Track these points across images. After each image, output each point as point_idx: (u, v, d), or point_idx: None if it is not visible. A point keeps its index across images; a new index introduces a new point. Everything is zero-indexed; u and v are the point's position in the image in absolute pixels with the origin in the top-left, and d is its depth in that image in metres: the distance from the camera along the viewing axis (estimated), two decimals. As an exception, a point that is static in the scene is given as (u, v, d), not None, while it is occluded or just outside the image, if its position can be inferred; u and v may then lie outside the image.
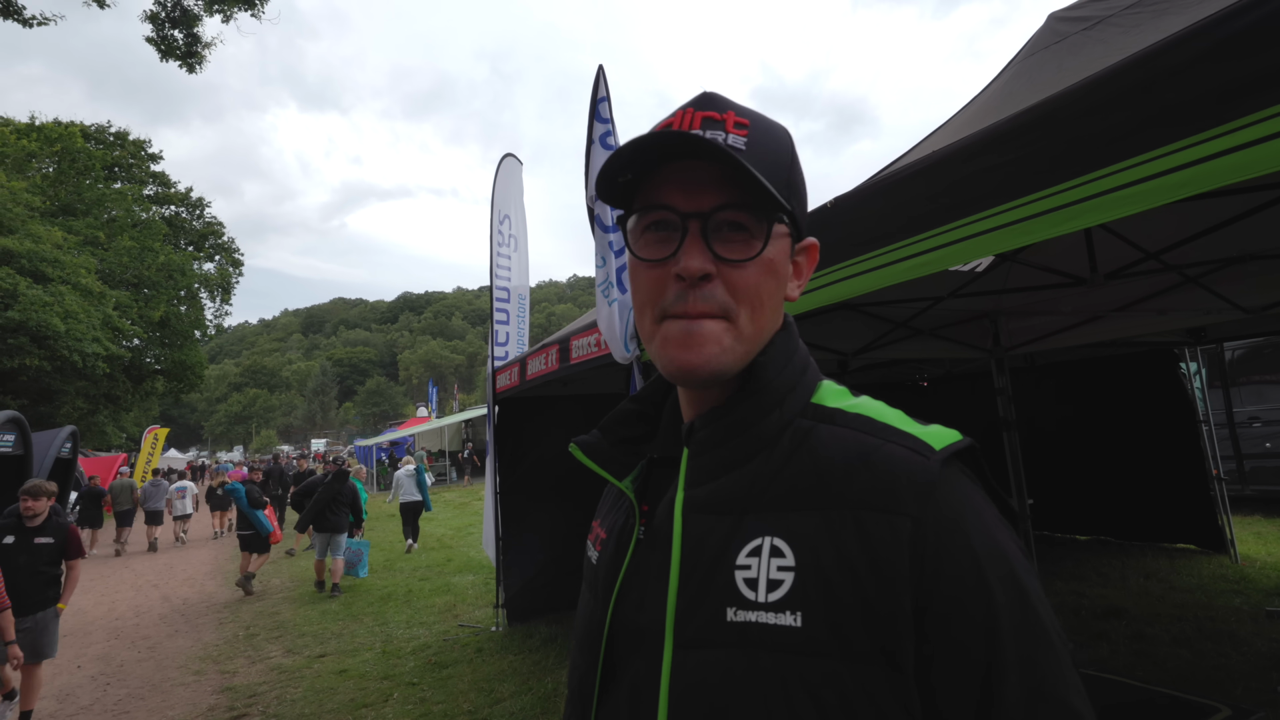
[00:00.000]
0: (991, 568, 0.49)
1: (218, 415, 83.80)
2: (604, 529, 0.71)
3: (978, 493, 0.54)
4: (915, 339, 4.29)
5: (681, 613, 0.55)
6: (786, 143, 0.61)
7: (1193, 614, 4.76)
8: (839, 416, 0.59)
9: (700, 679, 0.52)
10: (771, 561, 0.53)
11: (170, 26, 7.50)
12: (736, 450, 0.59)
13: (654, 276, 0.58)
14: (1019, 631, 0.47)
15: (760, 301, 0.58)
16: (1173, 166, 1.24)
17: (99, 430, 23.66)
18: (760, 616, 0.51)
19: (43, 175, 22.87)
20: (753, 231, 0.57)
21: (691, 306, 0.56)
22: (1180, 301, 3.76)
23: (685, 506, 0.59)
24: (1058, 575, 5.99)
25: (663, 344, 0.58)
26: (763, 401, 0.59)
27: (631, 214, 0.61)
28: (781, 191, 0.57)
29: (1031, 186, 1.49)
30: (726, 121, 0.57)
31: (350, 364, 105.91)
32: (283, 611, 7.36)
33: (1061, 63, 2.42)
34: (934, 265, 1.76)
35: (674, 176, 0.57)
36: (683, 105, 0.60)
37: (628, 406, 0.72)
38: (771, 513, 0.55)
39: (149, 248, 23.64)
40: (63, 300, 17.51)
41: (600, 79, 3.12)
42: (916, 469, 0.52)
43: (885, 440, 0.55)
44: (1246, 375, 8.38)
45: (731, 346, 0.57)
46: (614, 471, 0.68)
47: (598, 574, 0.67)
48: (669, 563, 0.58)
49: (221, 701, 4.74)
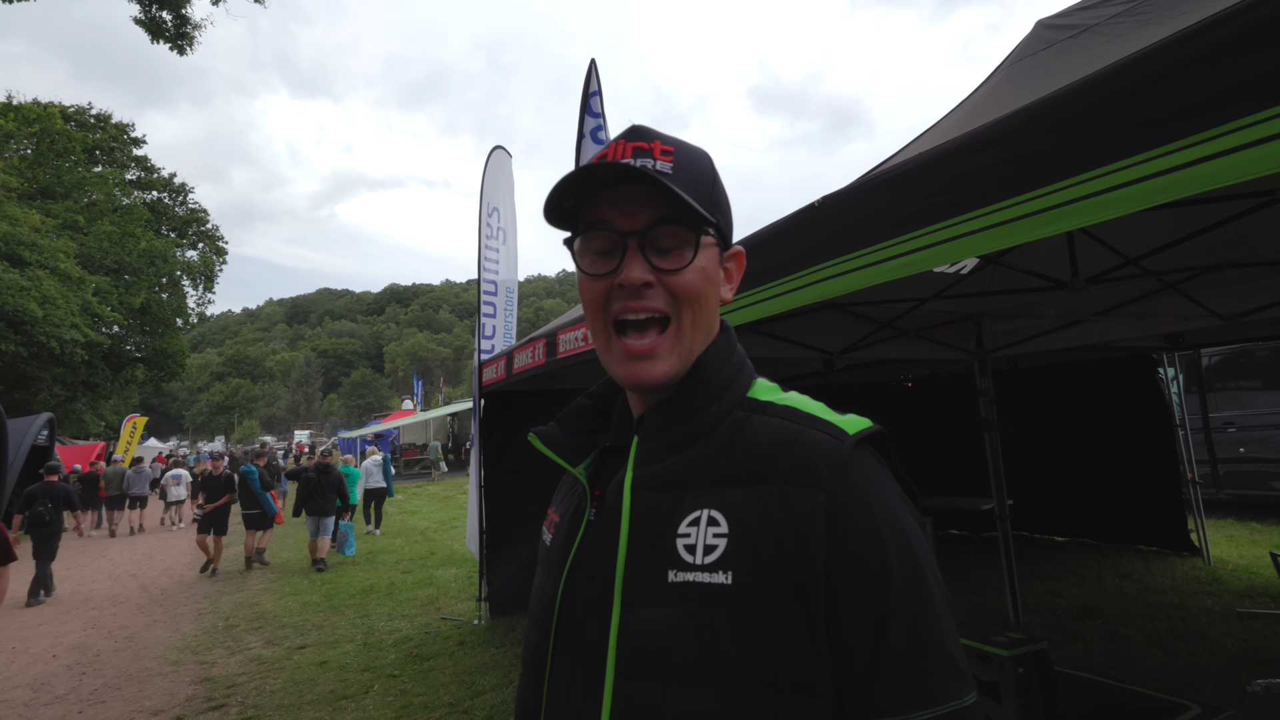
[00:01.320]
0: (889, 534, 0.58)
1: (199, 405, 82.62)
2: (558, 514, 0.77)
3: (882, 471, 0.63)
4: (900, 339, 4.33)
5: (629, 577, 0.62)
6: (708, 165, 0.70)
7: (1166, 614, 4.86)
8: (770, 408, 0.67)
9: (644, 632, 0.59)
10: (708, 530, 0.61)
11: (158, 7, 7.35)
12: (680, 437, 0.66)
13: (600, 287, 0.67)
14: (908, 587, 0.56)
15: (699, 304, 0.67)
16: (1154, 172, 1.26)
17: (77, 418, 23.27)
18: (697, 576, 0.59)
19: (20, 157, 22.36)
20: (684, 243, 0.66)
21: (636, 307, 0.65)
22: (1159, 307, 3.83)
23: (634, 484, 0.66)
24: (1035, 575, 6.09)
25: (616, 361, 0.67)
26: (704, 394, 0.68)
27: (577, 236, 0.69)
28: (706, 207, 0.66)
29: (1016, 189, 1.51)
30: (654, 150, 0.66)
31: (335, 355, 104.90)
32: (263, 602, 7.30)
33: (1048, 68, 2.45)
34: (918, 266, 1.77)
35: (611, 200, 0.66)
36: (615, 138, 0.69)
37: (584, 402, 0.81)
38: (710, 489, 0.63)
39: (130, 233, 23.20)
40: (40, 285, 17.15)
41: (592, 73, 3.11)
42: (832, 451, 0.61)
43: (808, 427, 0.63)
44: (1223, 381, 8.55)
45: (677, 361, 0.66)
46: (568, 458, 0.74)
47: (551, 554, 0.74)
48: (618, 534, 0.64)
49: (199, 692, 4.70)
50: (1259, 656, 4.00)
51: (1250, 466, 8.14)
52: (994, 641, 2.95)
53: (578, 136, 3.12)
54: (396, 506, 15.42)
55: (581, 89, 3.22)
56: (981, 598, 5.53)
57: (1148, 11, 2.18)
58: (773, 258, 2.26)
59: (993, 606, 5.23)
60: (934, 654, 0.55)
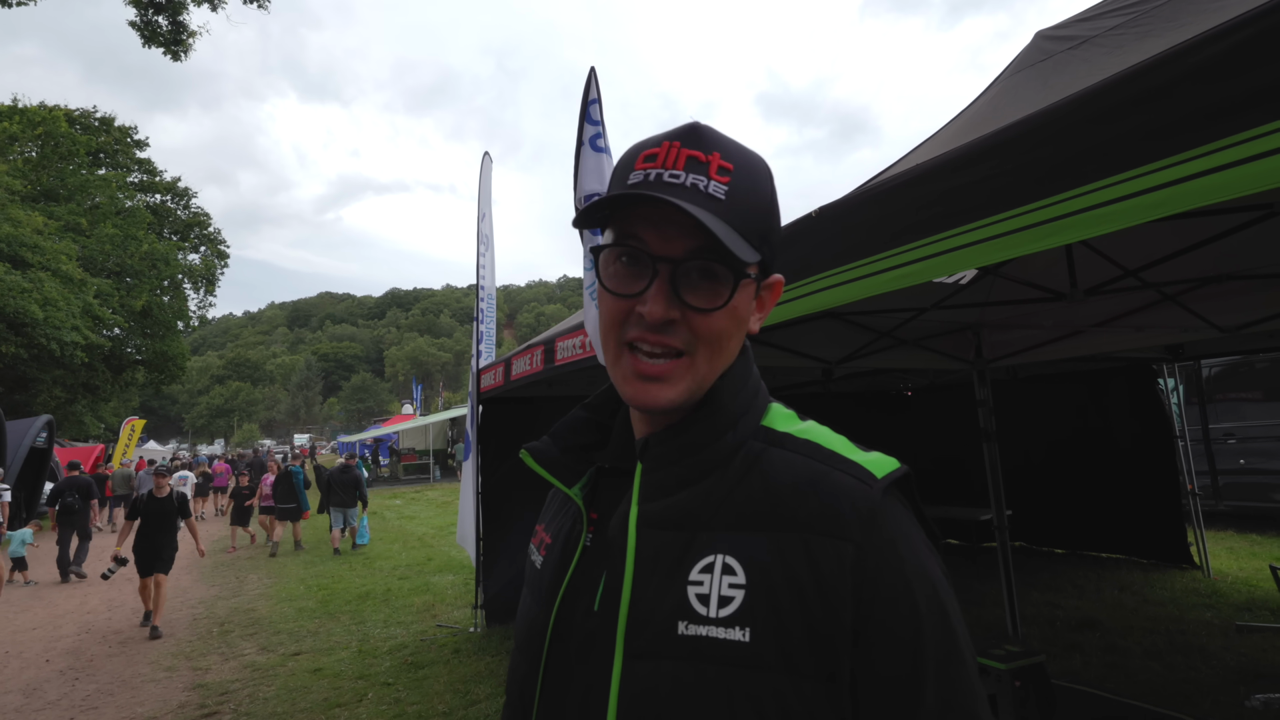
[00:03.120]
0: (920, 592, 0.53)
1: (199, 408, 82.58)
2: (548, 533, 0.72)
3: (910, 519, 0.58)
4: (899, 349, 4.32)
5: (633, 624, 0.57)
6: (767, 184, 0.62)
7: (1165, 627, 4.83)
8: (788, 441, 0.61)
9: (650, 688, 0.54)
10: (723, 579, 0.55)
11: (154, 12, 7.37)
12: (691, 469, 0.60)
13: (620, 307, 0.60)
14: (939, 650, 0.52)
15: (720, 345, 0.60)
16: (1153, 186, 1.26)
17: (76, 420, 23.26)
18: (711, 631, 0.54)
19: (24, 159, 22.45)
20: (722, 280, 0.58)
21: (653, 343, 0.58)
22: (1158, 319, 3.82)
23: (640, 521, 0.60)
24: (1035, 586, 6.06)
25: (624, 378, 0.61)
26: (717, 424, 0.62)
27: (604, 245, 0.62)
28: (757, 237, 0.59)
29: (1014, 201, 1.51)
30: (710, 165, 0.58)
31: (336, 359, 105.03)
32: (258, 608, 7.26)
33: (1046, 80, 2.45)
34: (918, 276, 1.77)
35: (650, 215, 0.58)
36: (669, 135, 0.60)
37: (580, 414, 0.74)
38: (724, 532, 0.57)
39: (132, 236, 23.29)
40: (41, 287, 17.19)
41: (592, 81, 3.11)
42: (860, 497, 0.55)
43: (832, 468, 0.58)
44: (1223, 392, 8.54)
45: (688, 388, 0.60)
46: (562, 478, 0.69)
47: (541, 578, 0.68)
48: (622, 575, 0.59)
49: (192, 699, 4.67)
50: (1258, 670, 3.97)
51: (1250, 478, 8.11)
52: (992, 654, 2.93)
53: (576, 144, 3.12)
54: (395, 512, 15.39)
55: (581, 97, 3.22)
56: (980, 609, 5.50)
57: (1147, 24, 2.18)
58: (770, 267, 2.25)
59: (991, 618, 5.19)
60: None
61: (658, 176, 0.58)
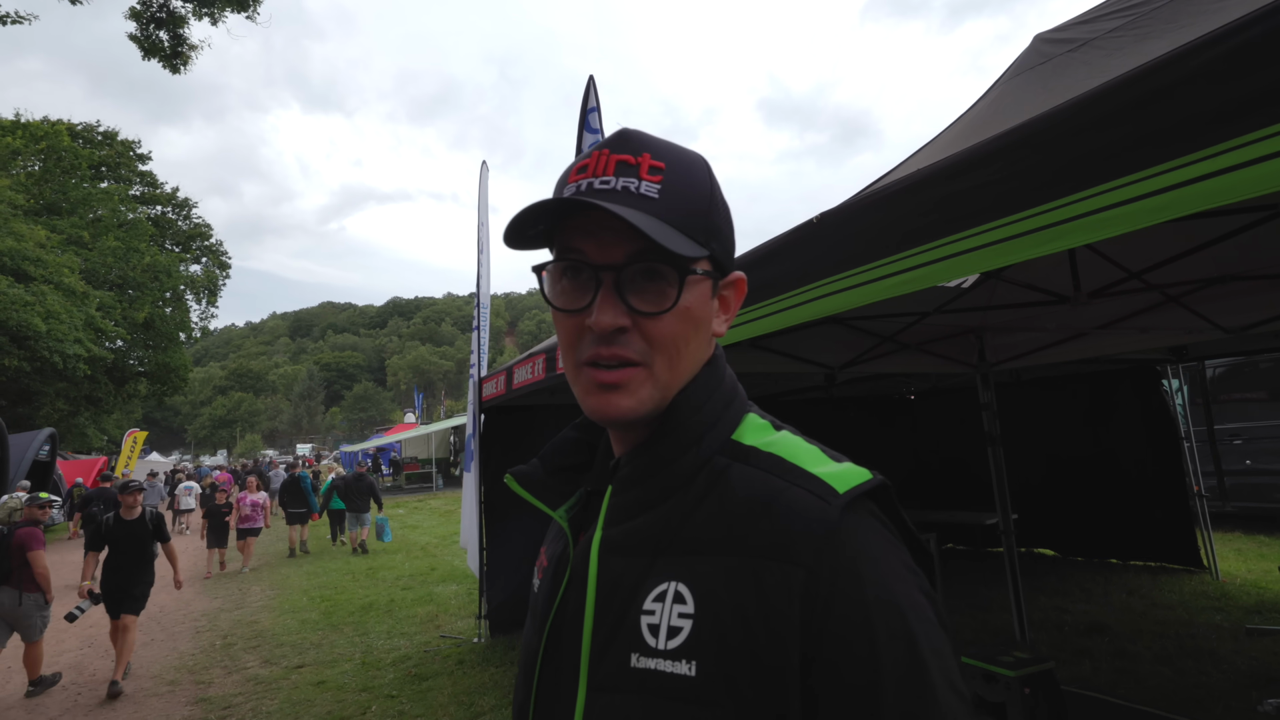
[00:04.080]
0: (880, 619, 0.47)
1: (201, 418, 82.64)
2: (547, 557, 0.70)
3: (881, 536, 0.52)
4: (902, 353, 4.31)
5: (595, 655, 0.55)
6: (704, 179, 0.60)
7: (1174, 631, 4.78)
8: (753, 455, 0.58)
9: None
10: (674, 608, 0.52)
11: (155, 27, 7.42)
12: (652, 489, 0.58)
13: (572, 324, 0.58)
14: (902, 686, 0.46)
15: (677, 350, 0.58)
16: (1156, 189, 1.25)
17: (79, 432, 23.30)
18: (659, 664, 0.51)
19: (27, 173, 22.59)
20: (667, 280, 0.56)
21: (607, 355, 0.56)
22: (1163, 320, 3.81)
23: (601, 547, 0.59)
24: (1042, 591, 6.02)
25: (584, 392, 0.59)
26: (680, 439, 0.59)
27: (545, 262, 0.61)
28: (700, 232, 0.57)
29: (1017, 206, 1.50)
30: (641, 166, 0.57)
31: (338, 369, 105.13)
32: (262, 620, 7.23)
33: (1046, 83, 2.45)
34: (921, 282, 1.76)
35: (586, 226, 0.57)
36: (599, 144, 0.60)
37: (569, 434, 0.72)
38: (680, 556, 0.54)
39: (134, 248, 23.37)
40: (44, 300, 17.25)
41: (591, 89, 3.12)
42: (814, 516, 0.51)
43: (791, 483, 0.53)
44: (1227, 393, 8.50)
45: (649, 396, 0.57)
46: (548, 500, 0.67)
47: (537, 603, 0.67)
48: (584, 604, 0.58)
49: (195, 713, 4.64)
50: (1269, 675, 3.93)
51: (1257, 479, 8.06)
52: (1000, 661, 2.90)
53: (576, 152, 3.13)
54: (398, 521, 15.35)
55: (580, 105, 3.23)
56: (987, 614, 5.46)
57: (1147, 26, 2.18)
58: (772, 274, 2.25)
59: (998, 623, 5.16)
60: None
61: (589, 186, 0.57)
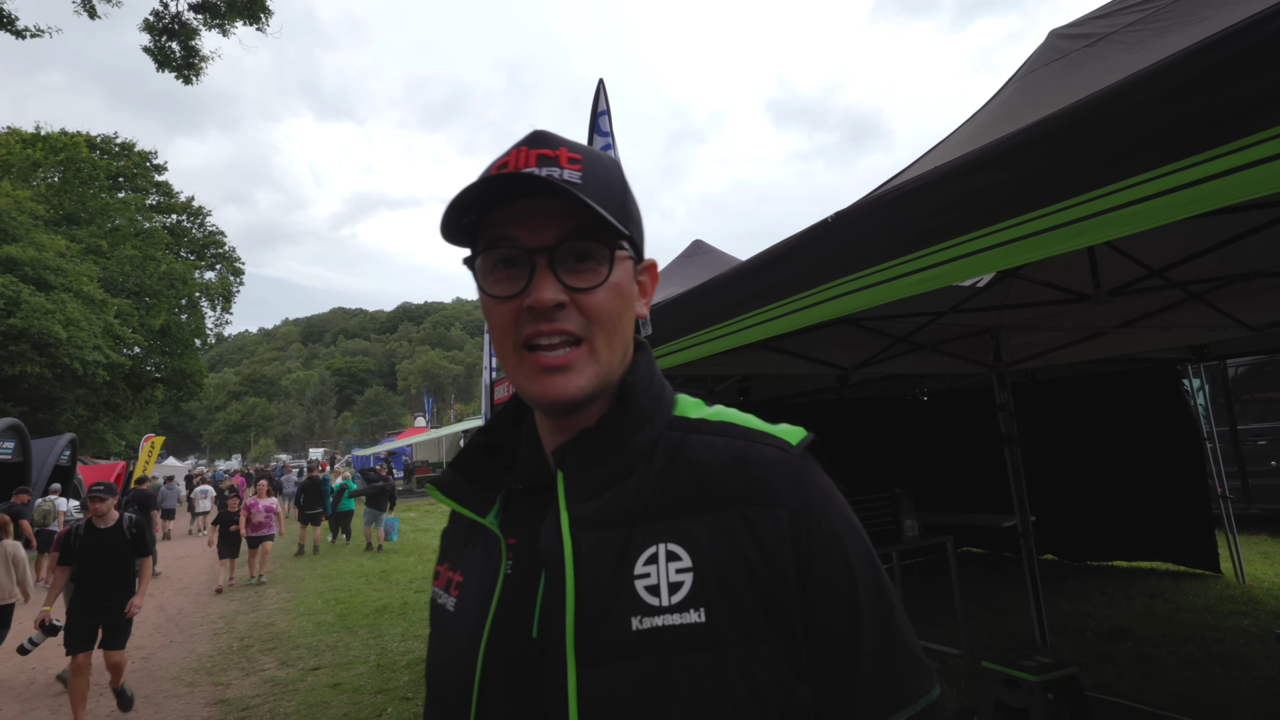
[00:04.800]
0: (850, 544, 0.59)
1: (216, 424, 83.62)
2: (458, 572, 0.68)
3: (826, 477, 0.62)
4: (915, 354, 4.27)
5: (582, 631, 0.55)
6: (618, 173, 0.65)
7: (1200, 635, 4.69)
8: (705, 425, 0.65)
9: (611, 692, 0.53)
10: (669, 566, 0.56)
11: (168, 38, 7.53)
12: (615, 467, 0.61)
13: (508, 310, 0.60)
14: (872, 594, 0.58)
15: (613, 324, 0.62)
16: (1178, 185, 1.22)
17: (98, 437, 23.63)
18: (667, 620, 0.54)
19: (47, 184, 23.03)
20: (598, 259, 0.61)
21: (549, 329, 0.59)
22: (1183, 318, 3.74)
23: (572, 525, 0.59)
24: (1062, 594, 5.93)
25: (528, 378, 0.61)
26: (635, 418, 0.64)
27: (478, 253, 0.62)
28: (619, 218, 0.61)
29: (1035, 203, 1.48)
30: (559, 158, 0.60)
31: (349, 373, 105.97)
32: (278, 623, 7.29)
33: (1063, 79, 2.42)
34: (936, 281, 1.74)
35: (515, 213, 0.60)
36: (515, 145, 0.62)
37: (480, 439, 0.72)
38: (661, 520, 0.58)
39: (151, 256, 23.76)
40: (64, 308, 17.56)
41: (600, 92, 3.12)
42: (784, 464, 0.60)
43: (753, 442, 0.62)
44: (1250, 392, 8.34)
45: (594, 372, 0.61)
46: (475, 508, 0.67)
47: (458, 620, 0.64)
48: (563, 583, 0.56)
49: (214, 714, 4.68)
50: (1301, 680, 3.84)
51: (1282, 480, 7.90)
52: (1022, 666, 2.85)
53: (588, 155, 3.12)
54: (409, 524, 15.43)
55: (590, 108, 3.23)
56: (1005, 618, 5.38)
57: (1166, 19, 2.15)
58: (786, 274, 2.23)
59: (1017, 627, 5.08)
60: (901, 655, 0.58)
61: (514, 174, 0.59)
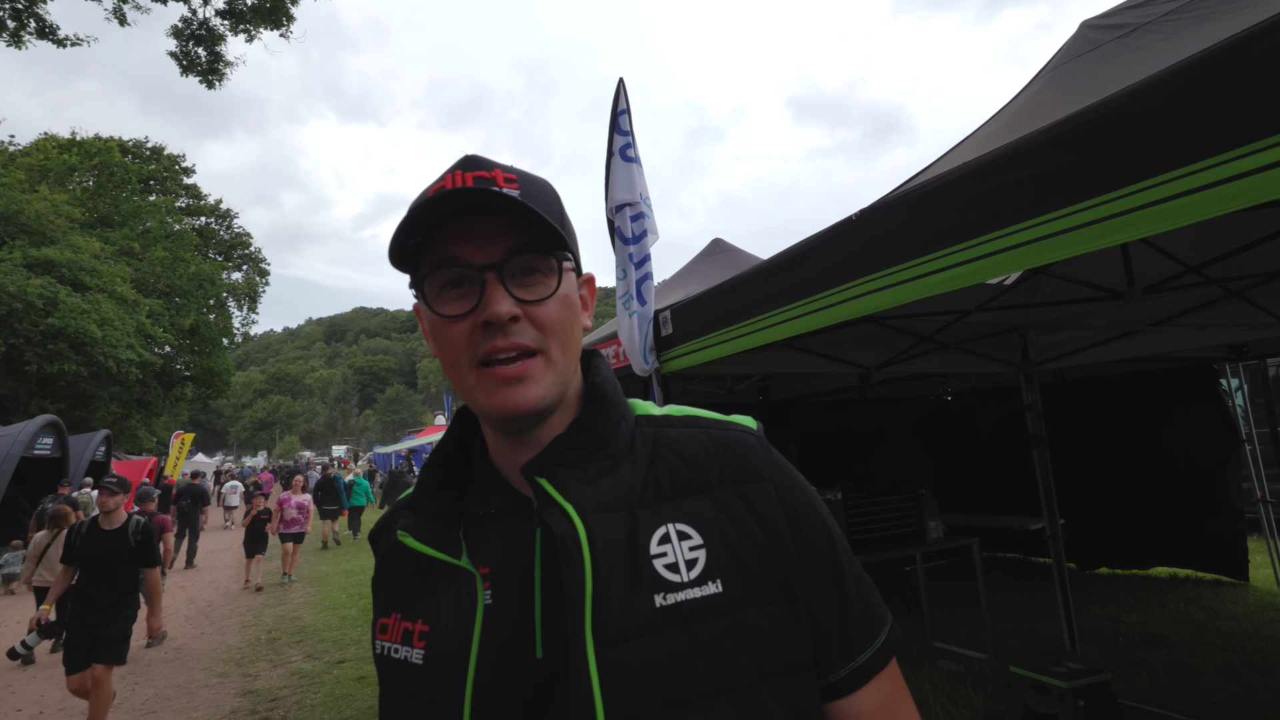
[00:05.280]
0: (818, 504, 0.67)
1: (243, 421, 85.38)
2: (417, 621, 0.63)
3: (780, 453, 0.70)
4: (940, 353, 4.19)
5: (601, 614, 0.55)
6: (554, 193, 0.67)
7: (1239, 644, 4.54)
8: (673, 420, 0.71)
9: (641, 667, 0.54)
10: (682, 544, 0.60)
11: (195, 44, 7.69)
12: (605, 460, 0.64)
13: (461, 330, 0.61)
14: (840, 543, 0.67)
15: (565, 334, 0.64)
16: (1215, 180, 1.18)
17: (131, 434, 24.27)
18: (688, 594, 0.58)
19: (82, 188, 23.70)
20: (545, 272, 0.63)
21: (505, 345, 0.60)
22: (1222, 316, 3.63)
23: (580, 511, 0.59)
24: (1092, 600, 5.79)
25: (486, 393, 0.61)
26: (612, 415, 0.68)
27: (423, 276, 0.63)
28: (561, 230, 0.63)
29: (1065, 200, 1.44)
30: (495, 178, 0.61)
31: (371, 372, 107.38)
32: (304, 616, 7.42)
33: (1095, 71, 2.35)
34: (962, 280, 1.70)
35: (459, 233, 0.61)
36: (450, 169, 0.63)
37: (433, 475, 0.70)
38: (663, 503, 0.62)
39: (181, 258, 24.31)
40: (99, 308, 18.05)
41: (620, 92, 3.12)
42: (755, 445, 0.68)
43: (727, 430, 0.69)
44: (1290, 392, 8.06)
45: (552, 381, 0.63)
46: (449, 551, 0.63)
47: (434, 672, 0.60)
48: (582, 568, 0.56)
49: (244, 705, 4.79)
50: (1345, 691, 3.70)
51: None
52: (1052, 672, 2.79)
53: (607, 155, 3.12)
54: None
55: (610, 107, 3.22)
56: (1034, 622, 5.27)
57: (1204, 8, 2.08)
58: (809, 273, 2.20)
59: (1046, 632, 4.97)
60: (866, 586, 0.67)
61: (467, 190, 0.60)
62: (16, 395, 17.78)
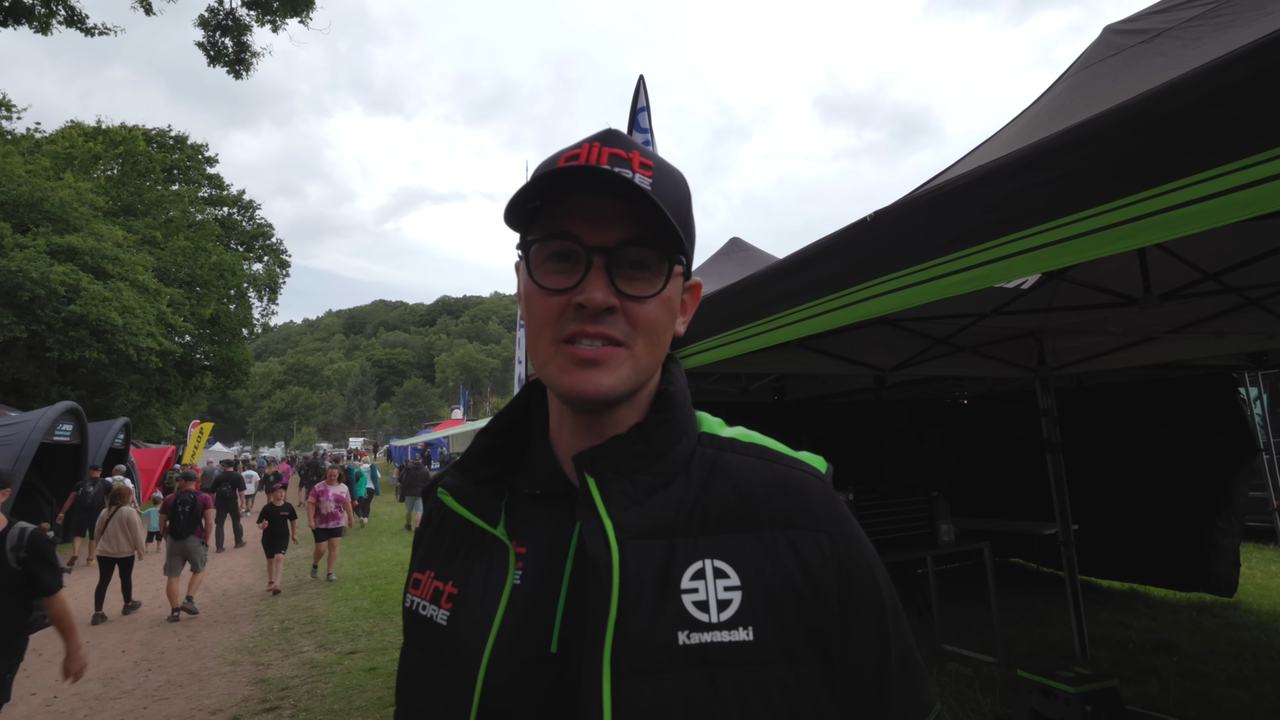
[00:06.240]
0: (877, 567, 0.62)
1: (261, 411, 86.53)
2: (448, 582, 0.64)
3: (845, 503, 0.65)
4: (955, 356, 4.18)
5: (621, 643, 0.53)
6: (685, 189, 0.64)
7: (1251, 653, 4.50)
8: (738, 445, 0.66)
9: (652, 703, 0.52)
10: (717, 583, 0.56)
11: (221, 34, 7.79)
12: (657, 475, 0.61)
13: (554, 303, 0.59)
14: (895, 614, 0.61)
15: (657, 335, 0.61)
16: (1237, 185, 1.18)
17: (150, 422, 24.68)
18: (716, 636, 0.54)
19: (106, 177, 24.08)
20: (654, 270, 0.60)
21: (593, 331, 0.58)
22: (1240, 323, 3.59)
23: (618, 533, 0.57)
24: (1104, 605, 5.75)
25: (560, 369, 0.59)
26: (675, 429, 0.64)
27: (532, 240, 0.61)
28: (683, 231, 0.60)
29: (1083, 203, 1.44)
30: (633, 161, 0.59)
31: (389, 365, 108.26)
32: (316, 606, 7.53)
33: (1117, 76, 2.34)
34: (979, 282, 1.71)
35: (579, 209, 0.59)
36: (589, 138, 0.61)
37: (485, 442, 0.69)
38: (705, 536, 0.59)
39: (202, 248, 24.62)
40: (121, 296, 18.31)
41: (640, 89, 3.14)
42: (819, 490, 0.63)
43: (790, 467, 0.64)
44: (1312, 402, 7.92)
45: (629, 376, 0.60)
46: (486, 517, 0.64)
47: (455, 636, 0.60)
48: (609, 595, 0.54)
49: (255, 693, 4.87)
50: (1361, 705, 3.66)
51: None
52: (1059, 677, 2.79)
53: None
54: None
55: (630, 104, 3.25)
56: (1044, 627, 5.24)
57: (1228, 14, 2.06)
58: (824, 272, 2.22)
59: (1056, 637, 4.94)
60: (915, 666, 0.62)
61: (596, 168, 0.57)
62: (37, 381, 18.13)
